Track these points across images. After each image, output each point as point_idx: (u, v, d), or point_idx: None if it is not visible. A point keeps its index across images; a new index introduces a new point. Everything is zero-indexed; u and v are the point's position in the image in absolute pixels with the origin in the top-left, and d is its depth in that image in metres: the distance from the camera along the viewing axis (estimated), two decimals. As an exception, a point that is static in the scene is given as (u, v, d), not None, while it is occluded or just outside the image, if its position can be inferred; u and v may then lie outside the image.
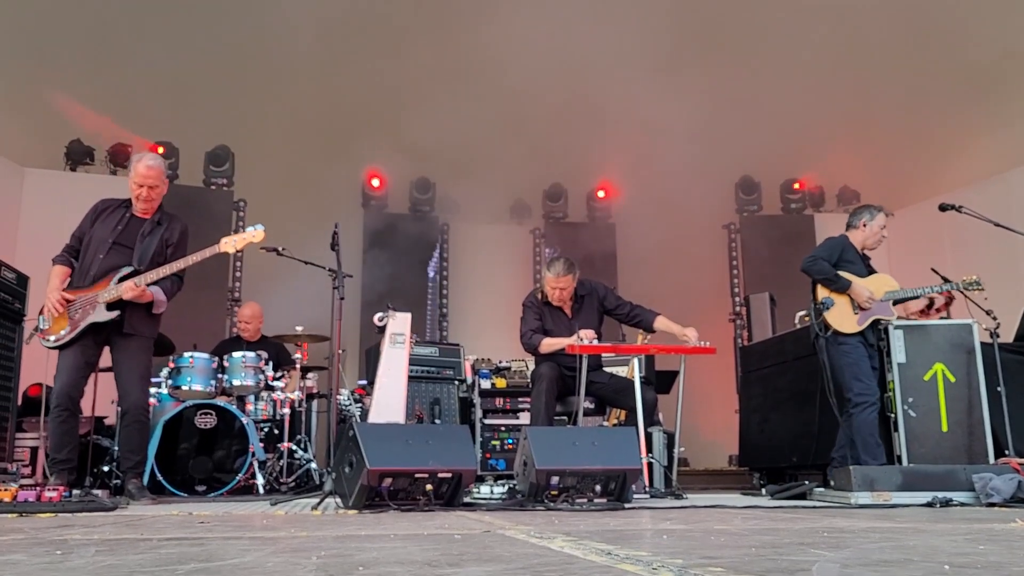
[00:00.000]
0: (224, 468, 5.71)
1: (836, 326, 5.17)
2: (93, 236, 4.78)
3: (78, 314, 4.62)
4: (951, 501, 4.18)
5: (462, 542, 2.24)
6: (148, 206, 4.84)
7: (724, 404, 9.45)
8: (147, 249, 4.75)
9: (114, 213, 4.85)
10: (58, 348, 4.66)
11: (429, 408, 6.58)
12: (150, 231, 4.82)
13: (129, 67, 8.84)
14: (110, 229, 4.77)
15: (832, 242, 5.45)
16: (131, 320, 4.70)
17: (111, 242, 4.73)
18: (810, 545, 2.11)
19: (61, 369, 4.64)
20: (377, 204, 10.54)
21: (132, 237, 4.78)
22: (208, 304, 8.94)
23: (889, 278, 5.38)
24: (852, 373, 5.11)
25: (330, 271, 5.26)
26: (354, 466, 3.74)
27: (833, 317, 5.18)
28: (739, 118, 9.57)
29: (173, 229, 4.90)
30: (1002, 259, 5.06)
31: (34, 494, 3.75)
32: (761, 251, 10.32)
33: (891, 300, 5.29)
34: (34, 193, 8.85)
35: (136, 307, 4.70)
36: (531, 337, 5.49)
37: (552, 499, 3.96)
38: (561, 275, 5.44)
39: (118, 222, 4.80)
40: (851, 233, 5.48)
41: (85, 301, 4.62)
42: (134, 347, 4.75)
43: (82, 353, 4.66)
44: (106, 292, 4.60)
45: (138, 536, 2.46)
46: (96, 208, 4.90)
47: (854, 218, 5.52)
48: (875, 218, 5.45)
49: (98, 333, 4.67)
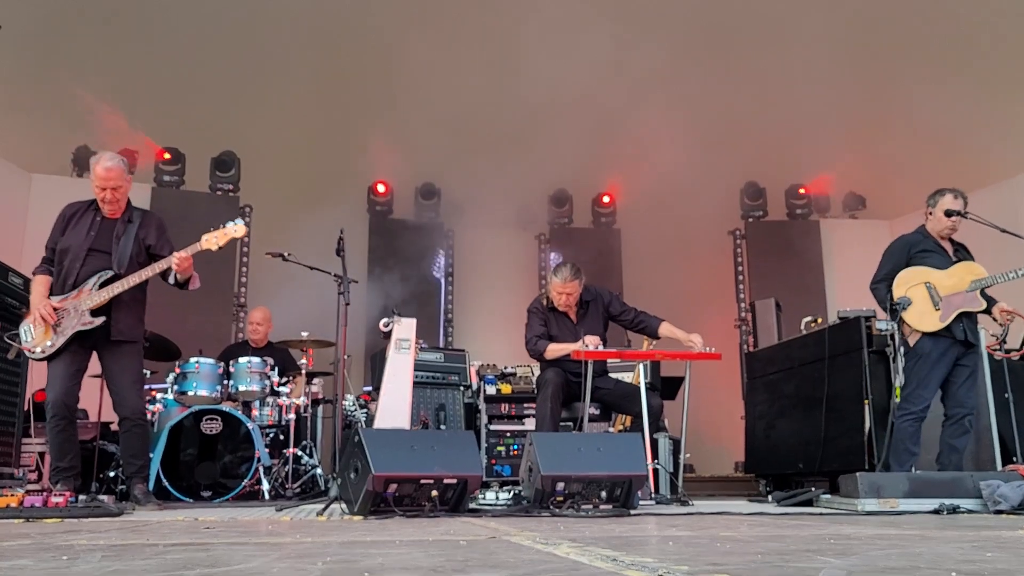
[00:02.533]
0: (230, 473, 5.71)
1: (916, 326, 4.90)
2: (67, 245, 4.70)
3: (62, 323, 4.57)
4: (958, 508, 4.16)
5: (467, 548, 2.23)
6: (114, 207, 4.75)
7: (730, 410, 9.43)
8: (124, 251, 4.69)
9: (83, 217, 4.77)
10: (46, 359, 4.63)
11: (434, 414, 6.58)
12: (123, 231, 4.75)
13: (136, 73, 8.88)
14: (83, 236, 4.70)
15: (890, 250, 5.16)
16: (118, 325, 4.66)
17: (87, 249, 4.66)
18: (816, 552, 2.10)
19: (53, 379, 4.62)
20: (383, 210, 10.56)
21: (107, 241, 4.71)
22: (214, 309, 8.97)
23: (977, 266, 5.00)
24: (919, 380, 4.89)
25: (335, 277, 5.26)
26: (359, 472, 3.74)
27: (912, 317, 4.91)
28: (744, 123, 9.58)
29: (148, 226, 4.82)
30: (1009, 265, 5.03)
31: (40, 499, 3.75)
32: (767, 257, 10.32)
33: (978, 290, 4.92)
34: (41, 199, 8.88)
35: (123, 311, 4.66)
36: (536, 343, 5.49)
37: (558, 505, 3.95)
38: (568, 280, 5.44)
39: (89, 227, 4.72)
40: (928, 224, 5.17)
41: (69, 309, 4.58)
42: (123, 352, 4.73)
43: (72, 361, 4.63)
44: (88, 299, 4.56)
45: (144, 541, 2.46)
46: (64, 215, 4.82)
47: (927, 204, 5.18)
48: (938, 203, 5.08)
49: (85, 340, 4.63)
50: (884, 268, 5.09)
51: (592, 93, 9.61)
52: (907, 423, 4.87)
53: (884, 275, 5.07)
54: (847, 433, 5.66)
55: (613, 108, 9.55)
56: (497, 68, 9.20)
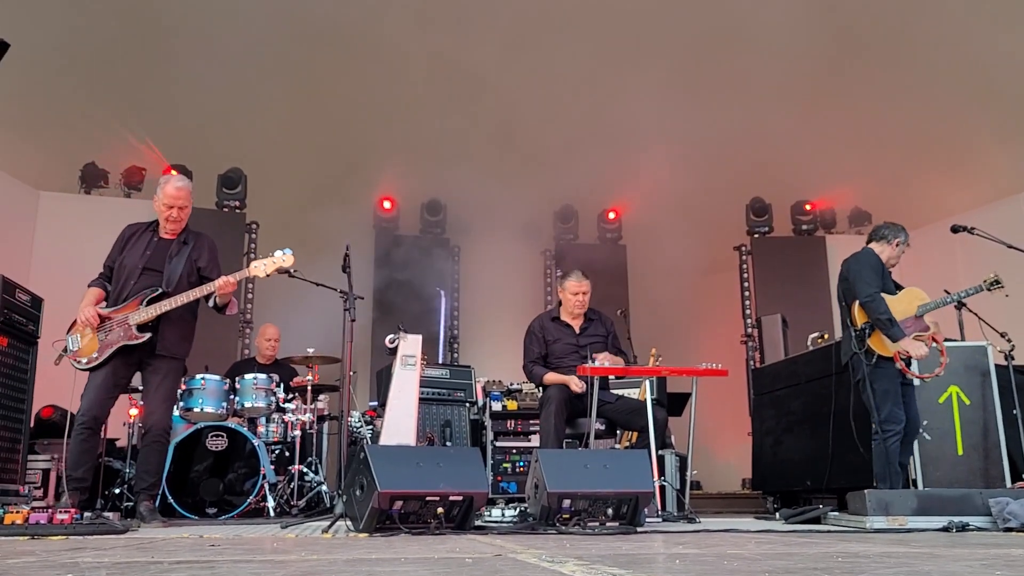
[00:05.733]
0: (235, 490, 5.71)
1: (879, 351, 4.96)
2: (124, 263, 4.82)
3: (109, 336, 4.65)
4: (967, 526, 4.13)
5: (473, 566, 2.22)
6: (176, 226, 4.90)
7: (737, 427, 9.39)
8: (175, 270, 4.79)
9: (142, 237, 4.90)
10: (89, 370, 4.68)
11: (440, 430, 6.57)
12: (177, 252, 4.85)
13: (143, 90, 8.95)
14: (139, 255, 4.82)
15: (872, 263, 5.16)
16: (164, 341, 4.73)
17: (141, 268, 4.77)
18: (824, 570, 2.09)
19: (89, 388, 4.67)
20: (388, 226, 10.58)
21: (160, 260, 4.81)
22: (220, 326, 8.95)
23: (920, 291, 5.13)
24: (890, 399, 4.95)
25: (341, 293, 5.27)
26: (365, 489, 3.73)
27: (876, 342, 4.98)
28: (750, 140, 9.59)
29: (200, 248, 4.94)
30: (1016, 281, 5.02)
31: (46, 516, 3.75)
32: (773, 273, 10.31)
33: (923, 314, 5.05)
34: (49, 216, 8.94)
35: (170, 327, 4.74)
36: (532, 369, 5.62)
37: (564, 522, 3.93)
38: (582, 279, 5.62)
39: (146, 247, 4.85)
40: (879, 247, 5.24)
41: (116, 323, 4.66)
42: (165, 369, 4.79)
43: (112, 374, 4.69)
44: (136, 314, 4.64)
45: (149, 559, 2.45)
46: (124, 235, 4.96)
47: (888, 232, 5.27)
48: (903, 237, 5.26)
49: (130, 355, 4.70)
50: (875, 282, 5.05)
51: (598, 109, 9.65)
52: (893, 442, 4.91)
53: (878, 287, 5.03)
54: (855, 450, 5.62)
55: (618, 124, 9.58)
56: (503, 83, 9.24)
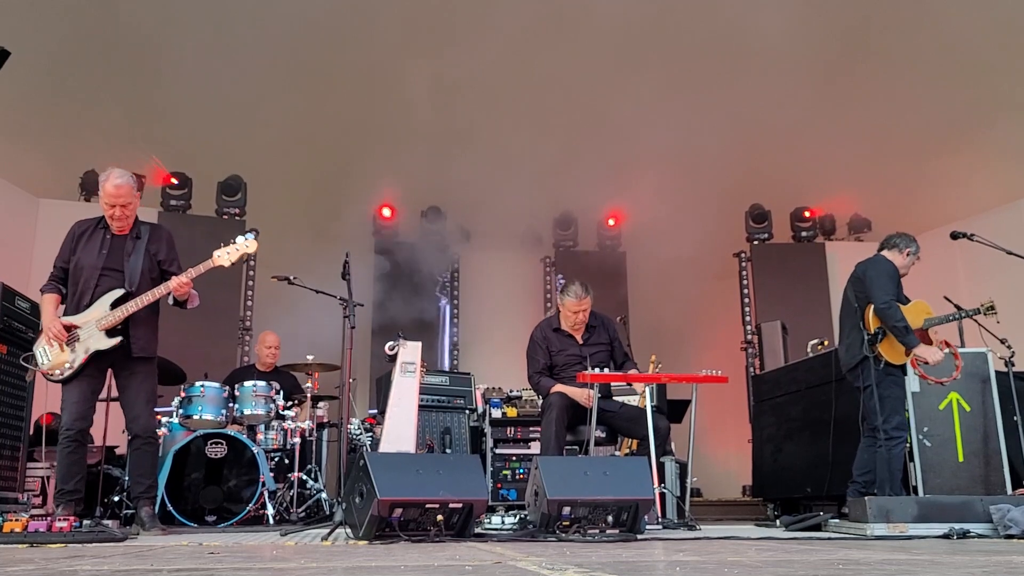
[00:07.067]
0: (234, 498, 5.69)
1: (888, 357, 4.98)
2: (80, 263, 4.72)
3: (79, 345, 4.59)
4: (968, 533, 4.12)
5: (473, 574, 2.21)
6: (123, 223, 4.77)
7: (737, 434, 9.38)
8: (135, 268, 4.71)
9: (94, 235, 4.79)
10: (63, 382, 4.64)
11: (440, 437, 6.56)
12: (133, 248, 4.76)
13: (143, 98, 8.95)
14: (95, 254, 4.72)
15: (890, 271, 5.13)
16: (138, 342, 4.67)
17: (100, 268, 4.68)
18: (826, 578, 2.07)
19: (68, 401, 4.62)
20: (388, 233, 10.57)
21: (119, 259, 4.73)
22: (219, 333, 8.97)
23: (926, 304, 5.17)
24: (895, 407, 4.96)
25: (341, 300, 5.27)
26: (364, 496, 3.72)
27: (885, 348, 4.98)
28: (749, 146, 9.59)
29: (158, 241, 4.84)
30: (1016, 287, 5.03)
31: (45, 524, 3.74)
32: (772, 279, 10.30)
33: (928, 328, 5.09)
34: (49, 224, 8.91)
35: (140, 328, 4.68)
36: (539, 381, 5.57)
37: (564, 530, 3.93)
38: (581, 298, 5.50)
39: (101, 245, 4.74)
40: (892, 256, 5.24)
41: (84, 330, 4.59)
42: (143, 370, 4.74)
43: (88, 383, 4.64)
44: (103, 319, 4.57)
45: (148, 567, 2.44)
46: (74, 233, 4.84)
47: (900, 241, 5.27)
48: (914, 248, 5.27)
49: (102, 360, 4.65)
50: (891, 290, 5.03)
51: (596, 116, 9.65)
52: (900, 449, 4.92)
53: (894, 295, 5.02)
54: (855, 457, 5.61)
55: (618, 131, 9.58)
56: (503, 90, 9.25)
